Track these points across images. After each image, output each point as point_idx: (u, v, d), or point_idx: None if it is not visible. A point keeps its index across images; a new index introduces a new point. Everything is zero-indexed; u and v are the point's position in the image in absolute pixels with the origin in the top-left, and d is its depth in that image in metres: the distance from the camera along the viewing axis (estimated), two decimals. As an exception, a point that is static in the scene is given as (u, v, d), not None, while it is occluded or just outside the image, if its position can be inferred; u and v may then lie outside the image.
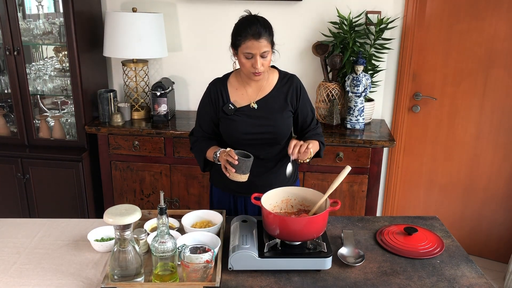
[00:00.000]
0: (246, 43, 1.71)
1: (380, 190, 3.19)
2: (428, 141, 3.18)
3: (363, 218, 1.92)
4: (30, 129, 2.97)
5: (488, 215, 3.20)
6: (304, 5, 2.93)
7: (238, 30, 1.74)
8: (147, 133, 2.81)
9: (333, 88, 2.84)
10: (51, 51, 3.19)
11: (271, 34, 1.76)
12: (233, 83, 1.90)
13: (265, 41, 1.72)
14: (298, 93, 1.90)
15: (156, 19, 2.85)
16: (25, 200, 2.99)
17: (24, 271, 1.54)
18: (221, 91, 1.89)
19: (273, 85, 1.89)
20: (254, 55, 1.72)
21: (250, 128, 1.85)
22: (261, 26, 1.71)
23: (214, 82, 1.93)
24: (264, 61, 1.75)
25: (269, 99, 1.87)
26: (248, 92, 1.88)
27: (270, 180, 1.90)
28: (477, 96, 2.99)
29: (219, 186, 2.03)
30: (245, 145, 1.86)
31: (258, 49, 1.71)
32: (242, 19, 1.77)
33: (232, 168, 1.70)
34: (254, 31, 1.70)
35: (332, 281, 1.48)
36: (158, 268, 1.42)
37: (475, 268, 1.57)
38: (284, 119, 1.88)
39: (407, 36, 2.95)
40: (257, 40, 1.70)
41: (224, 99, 1.88)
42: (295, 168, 2.05)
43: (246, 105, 1.87)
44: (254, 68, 1.75)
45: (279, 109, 1.87)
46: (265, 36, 1.72)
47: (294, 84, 1.90)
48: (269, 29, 1.75)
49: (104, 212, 1.39)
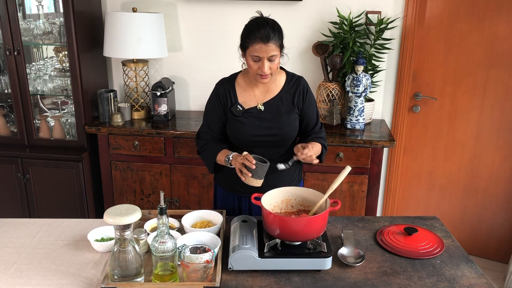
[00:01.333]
0: (254, 46, 1.70)
1: (380, 190, 3.20)
2: (428, 141, 3.18)
3: (363, 218, 1.92)
4: (30, 129, 2.97)
5: (488, 215, 3.20)
6: (304, 5, 2.93)
7: (247, 32, 1.73)
8: (147, 133, 2.81)
9: (333, 88, 2.84)
10: (51, 51, 3.19)
11: (281, 38, 1.75)
12: (241, 84, 1.89)
13: (274, 45, 1.70)
14: (304, 95, 1.89)
15: (156, 19, 2.85)
16: (25, 200, 2.99)
17: (24, 271, 1.54)
18: (229, 91, 1.88)
19: (280, 87, 1.88)
20: (261, 58, 1.71)
21: (257, 130, 1.84)
22: (270, 29, 1.70)
23: (221, 82, 1.91)
24: (272, 64, 1.74)
25: (276, 101, 1.87)
26: (255, 93, 1.88)
27: (275, 181, 1.90)
28: (477, 96, 2.99)
29: (223, 186, 2.03)
30: (252, 146, 1.86)
31: (266, 52, 1.70)
32: (252, 21, 1.75)
33: (249, 173, 1.68)
34: (262, 34, 1.68)
35: (332, 281, 1.48)
36: (158, 268, 1.42)
37: (475, 268, 1.57)
38: (291, 121, 1.87)
39: (407, 36, 2.95)
40: (265, 44, 1.69)
41: (232, 99, 1.87)
42: (300, 169, 2.05)
43: (254, 106, 1.86)
44: (261, 71, 1.74)
45: (286, 111, 1.86)
46: (274, 39, 1.70)
47: (301, 86, 1.89)
48: (279, 32, 1.74)
49: (104, 212, 1.39)
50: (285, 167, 1.81)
